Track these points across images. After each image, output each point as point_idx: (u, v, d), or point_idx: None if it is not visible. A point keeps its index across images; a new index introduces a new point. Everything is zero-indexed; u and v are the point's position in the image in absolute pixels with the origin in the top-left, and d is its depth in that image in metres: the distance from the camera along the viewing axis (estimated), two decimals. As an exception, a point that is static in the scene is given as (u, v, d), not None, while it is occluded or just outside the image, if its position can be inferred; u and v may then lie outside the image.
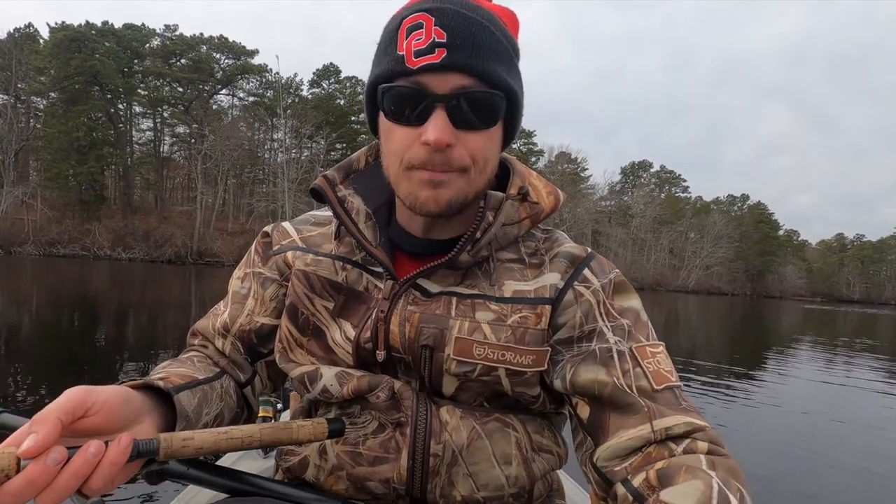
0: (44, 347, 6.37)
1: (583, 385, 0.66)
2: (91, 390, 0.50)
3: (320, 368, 0.73)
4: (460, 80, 0.60)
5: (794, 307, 44.13)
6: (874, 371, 9.11)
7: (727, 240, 68.09)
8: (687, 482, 0.53)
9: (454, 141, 0.62)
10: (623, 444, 0.62)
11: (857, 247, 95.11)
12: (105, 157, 42.79)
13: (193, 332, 0.82)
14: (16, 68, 40.61)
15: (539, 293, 0.71)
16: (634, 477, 0.59)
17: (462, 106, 0.61)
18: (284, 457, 0.77)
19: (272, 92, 49.95)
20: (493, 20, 0.63)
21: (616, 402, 0.64)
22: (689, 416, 0.62)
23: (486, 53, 0.61)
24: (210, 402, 0.68)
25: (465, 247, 0.68)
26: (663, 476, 0.56)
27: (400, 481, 0.68)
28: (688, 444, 0.60)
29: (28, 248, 36.05)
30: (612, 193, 71.85)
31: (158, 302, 13.05)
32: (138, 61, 47.70)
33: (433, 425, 0.68)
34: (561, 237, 0.79)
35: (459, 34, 0.60)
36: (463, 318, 0.69)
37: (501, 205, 0.70)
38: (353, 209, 0.74)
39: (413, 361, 0.70)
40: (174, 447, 0.51)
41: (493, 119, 0.64)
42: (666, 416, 0.61)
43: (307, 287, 0.74)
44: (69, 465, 0.46)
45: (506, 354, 0.68)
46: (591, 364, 0.67)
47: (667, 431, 0.61)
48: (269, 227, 0.84)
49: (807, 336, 15.99)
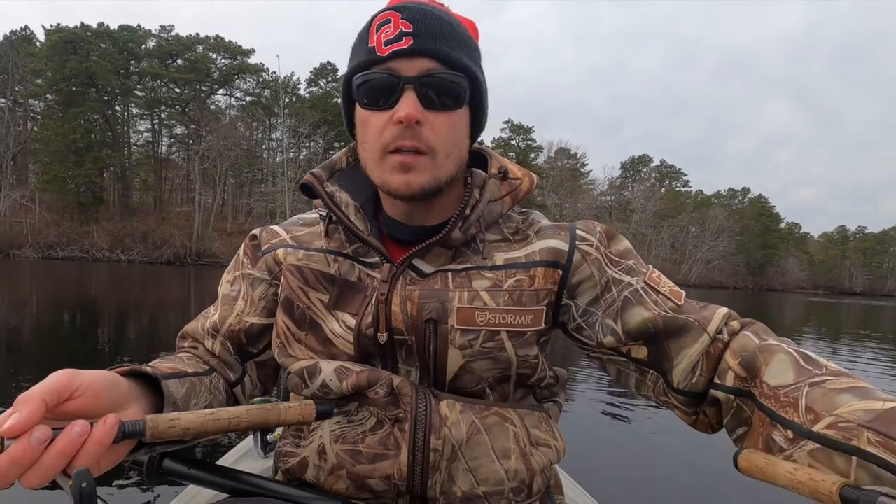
0: (43, 350, 6.37)
1: (636, 329, 0.71)
2: (77, 373, 0.50)
3: (319, 363, 0.73)
4: (427, 64, 0.66)
5: (796, 300, 44.00)
6: (879, 363, 8.96)
7: (728, 233, 67.83)
8: (769, 360, 0.61)
9: (423, 119, 0.66)
10: (693, 358, 0.68)
11: (860, 239, 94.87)
12: (102, 159, 42.62)
13: (183, 335, 0.83)
14: (12, 71, 40.46)
15: (530, 258, 0.75)
16: (720, 378, 0.66)
17: (429, 87, 0.66)
18: (284, 458, 0.78)
19: (269, 91, 49.79)
20: (454, 20, 0.71)
21: (669, 329, 0.70)
22: (713, 309, 0.71)
23: (449, 41, 0.68)
24: (199, 393, 0.69)
25: (456, 223, 0.72)
26: (746, 364, 0.63)
27: (400, 477, 0.69)
28: (727, 329, 0.69)
29: (26, 250, 36.01)
30: (613, 188, 71.68)
31: (157, 303, 13.00)
32: (135, 62, 47.59)
33: (433, 420, 0.69)
34: (538, 216, 0.82)
35: (424, 24, 0.67)
36: (461, 290, 0.71)
37: (486, 183, 0.75)
38: (343, 203, 0.76)
39: (416, 341, 0.71)
40: (160, 428, 0.51)
41: (457, 100, 0.69)
42: (709, 320, 0.69)
43: (301, 280, 0.76)
44: (54, 444, 0.45)
45: (506, 317, 0.71)
46: (630, 309, 0.72)
47: (716, 332, 0.68)
48: (256, 230, 0.85)
49: (809, 328, 15.83)
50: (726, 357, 0.66)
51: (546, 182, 54.55)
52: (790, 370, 0.58)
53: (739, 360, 0.64)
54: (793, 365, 0.59)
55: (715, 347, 0.68)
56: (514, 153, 56.21)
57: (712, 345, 0.68)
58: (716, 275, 68.39)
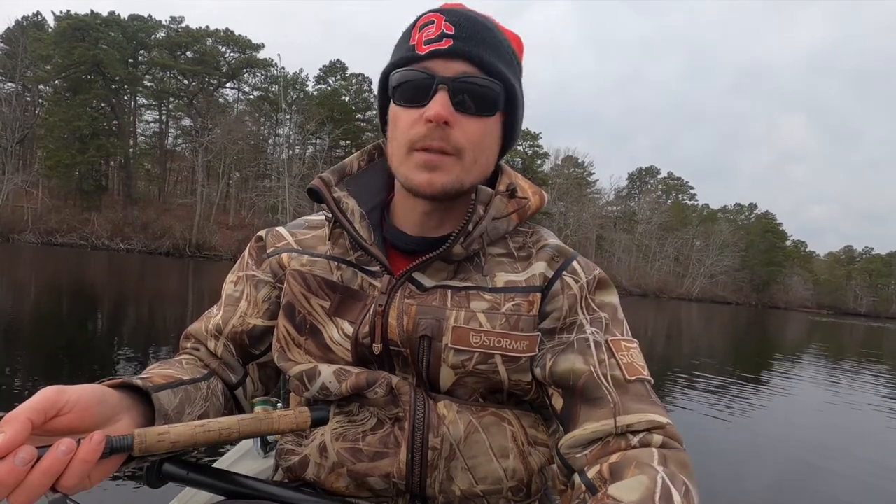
0: (42, 338, 6.24)
1: (560, 374, 0.69)
2: (63, 389, 0.50)
3: (318, 366, 0.74)
4: (463, 67, 0.67)
5: (799, 318, 43.54)
6: (881, 386, 8.63)
7: (733, 248, 67.35)
8: (634, 477, 0.57)
9: (453, 120, 0.67)
10: (586, 434, 0.65)
11: (866, 260, 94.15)
12: (106, 147, 42.53)
13: (186, 336, 0.83)
14: (22, 56, 40.52)
15: (530, 282, 0.74)
16: (590, 468, 0.63)
17: (463, 90, 0.67)
18: (285, 456, 0.78)
19: (277, 87, 49.71)
20: (497, 29, 0.72)
21: (587, 394, 0.67)
22: (654, 413, 0.65)
23: (489, 48, 0.68)
24: (193, 402, 0.68)
25: (458, 239, 0.71)
26: (614, 470, 0.60)
27: (400, 476, 0.69)
28: (643, 436, 0.63)
29: (27, 235, 35.92)
30: (619, 199, 71.31)
31: (155, 294, 12.89)
32: (144, 52, 47.59)
33: (431, 419, 0.70)
34: (546, 233, 0.82)
35: (466, 28, 0.68)
36: (459, 309, 0.71)
37: (491, 199, 0.74)
38: (349, 209, 0.76)
39: (411, 354, 0.71)
40: (149, 442, 0.51)
41: (490, 106, 0.69)
42: (631, 412, 0.65)
43: (304, 286, 0.76)
44: (39, 463, 0.45)
45: (501, 341, 0.70)
46: (569, 354, 0.70)
47: (628, 427, 0.64)
48: (262, 232, 0.86)
49: (812, 348, 15.46)
50: (613, 458, 0.62)
51: (552, 189, 54.21)
52: (637, 493, 0.55)
53: (614, 462, 0.61)
54: (647, 492, 0.55)
55: (616, 443, 0.64)
56: (520, 159, 55.95)
57: (614, 438, 0.64)
58: (719, 290, 67.87)
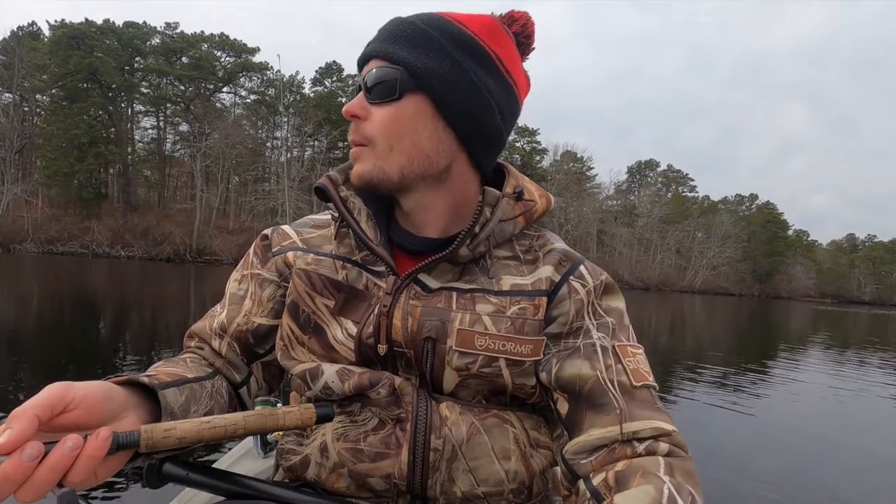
0: (44, 345, 6.22)
1: (566, 379, 0.69)
2: (70, 385, 0.50)
3: (321, 366, 0.73)
4: (373, 64, 0.70)
5: (802, 308, 43.37)
6: (887, 374, 8.55)
7: (735, 240, 67.18)
8: (640, 486, 0.57)
9: (362, 113, 0.70)
10: (591, 441, 0.65)
11: (869, 247, 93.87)
12: (105, 155, 42.54)
13: (190, 334, 0.83)
14: (18, 66, 40.51)
15: (536, 286, 0.74)
16: (596, 475, 0.63)
17: (370, 83, 0.70)
18: (286, 456, 0.78)
19: (273, 90, 49.65)
20: (430, 21, 0.70)
21: (593, 399, 0.67)
22: (659, 420, 0.65)
23: (397, 41, 0.69)
24: (199, 400, 0.68)
25: (464, 241, 0.71)
26: (620, 478, 0.60)
27: (401, 476, 0.69)
28: (649, 444, 0.63)
29: (27, 245, 35.95)
30: (619, 193, 71.18)
31: (156, 300, 12.86)
32: (140, 59, 47.58)
33: (433, 420, 0.69)
34: (553, 237, 0.82)
35: (385, 31, 0.71)
36: (464, 311, 0.71)
37: (498, 201, 0.74)
38: (355, 209, 0.77)
39: (415, 356, 0.71)
40: (156, 438, 0.51)
41: (388, 91, 0.69)
42: (636, 419, 0.65)
43: (308, 285, 0.76)
44: (46, 459, 0.46)
45: (506, 345, 0.70)
46: (575, 359, 0.70)
47: (634, 434, 0.64)
48: (268, 231, 0.86)
49: (817, 337, 15.37)
50: (619, 465, 0.62)
51: (551, 185, 54.08)
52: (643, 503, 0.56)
53: (619, 470, 0.61)
54: (653, 503, 0.55)
55: (622, 450, 0.64)
56: (518, 155, 55.84)
57: (620, 445, 0.64)
58: (721, 281, 67.70)
